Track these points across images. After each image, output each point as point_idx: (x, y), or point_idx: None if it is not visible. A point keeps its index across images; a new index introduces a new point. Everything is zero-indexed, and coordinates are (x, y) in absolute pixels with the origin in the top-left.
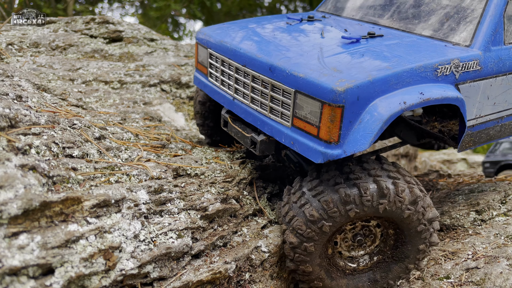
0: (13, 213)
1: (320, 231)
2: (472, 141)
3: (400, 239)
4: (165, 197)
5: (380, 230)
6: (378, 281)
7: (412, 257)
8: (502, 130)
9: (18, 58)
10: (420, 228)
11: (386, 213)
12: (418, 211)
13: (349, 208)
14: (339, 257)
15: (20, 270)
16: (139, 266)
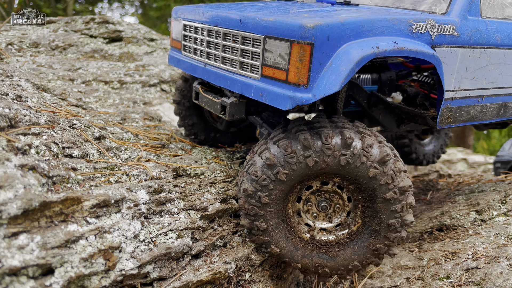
0: (13, 213)
1: (275, 179)
2: (452, 117)
3: (368, 210)
4: (165, 197)
5: (347, 197)
6: (345, 261)
7: (381, 235)
8: (484, 111)
9: (18, 58)
10: (389, 195)
11: (349, 168)
12: (387, 173)
13: (308, 155)
14: (301, 224)
15: (20, 270)
16: (139, 266)
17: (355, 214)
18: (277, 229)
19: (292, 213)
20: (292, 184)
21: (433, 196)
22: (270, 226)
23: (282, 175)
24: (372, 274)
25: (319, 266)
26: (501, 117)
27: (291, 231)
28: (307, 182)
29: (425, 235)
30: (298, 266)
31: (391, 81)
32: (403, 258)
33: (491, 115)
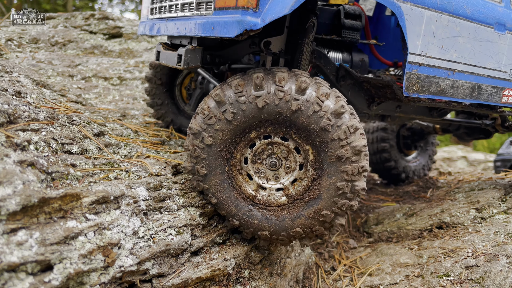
0: (12, 209)
1: (222, 118)
2: (420, 86)
3: (318, 170)
4: (165, 193)
5: (297, 155)
6: (287, 226)
7: (329, 200)
8: (455, 87)
9: (17, 54)
10: (340, 153)
11: (301, 116)
12: (340, 128)
13: (259, 95)
14: (246, 178)
15: (19, 266)
16: (138, 263)
17: (305, 175)
18: (218, 178)
19: (238, 164)
20: (239, 128)
21: (433, 193)
22: (211, 173)
23: (229, 114)
24: (371, 271)
25: (259, 228)
26: (475, 99)
27: (234, 184)
28: (257, 131)
29: (425, 232)
30: (235, 224)
31: (363, 63)
32: (402, 255)
33: (463, 94)
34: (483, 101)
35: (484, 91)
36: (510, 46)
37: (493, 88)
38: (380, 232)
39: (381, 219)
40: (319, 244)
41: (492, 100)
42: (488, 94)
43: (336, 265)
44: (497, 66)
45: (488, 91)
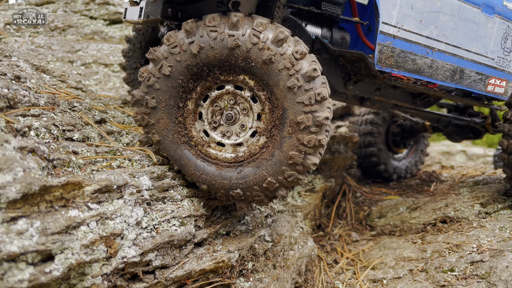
0: (12, 197)
1: (160, 75)
2: (395, 60)
3: (275, 131)
4: (168, 183)
5: (257, 108)
6: (228, 186)
7: (277, 166)
8: (434, 68)
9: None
10: (301, 119)
11: (240, 52)
12: (308, 92)
13: (192, 41)
14: (202, 135)
15: (19, 256)
16: (141, 254)
17: (259, 135)
18: (173, 141)
19: (191, 121)
20: (181, 81)
21: (437, 187)
22: (164, 137)
23: (166, 68)
24: (374, 265)
25: (201, 180)
26: (456, 83)
27: (191, 144)
28: (218, 75)
29: (428, 226)
30: (203, 187)
31: (343, 40)
32: (406, 249)
33: (443, 76)
34: (465, 86)
35: (467, 76)
36: (498, 31)
37: (477, 74)
38: (383, 225)
39: (384, 213)
40: (321, 237)
41: (476, 87)
42: (472, 80)
43: (338, 258)
44: (483, 51)
45: (472, 77)
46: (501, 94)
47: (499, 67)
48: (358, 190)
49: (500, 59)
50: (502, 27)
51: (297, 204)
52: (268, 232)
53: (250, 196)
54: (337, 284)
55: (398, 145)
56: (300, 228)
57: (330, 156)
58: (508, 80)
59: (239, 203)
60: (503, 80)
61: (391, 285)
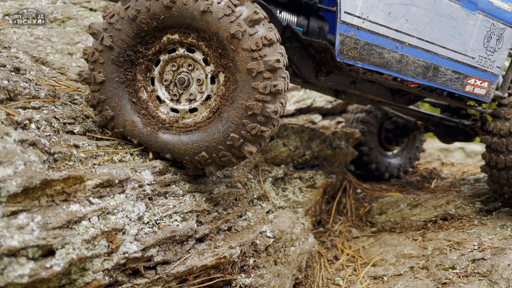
0: (12, 190)
1: (103, 47)
2: (358, 53)
3: (228, 84)
4: (170, 178)
5: (208, 68)
6: (195, 147)
7: (237, 120)
8: (404, 63)
9: (15, 30)
10: (251, 65)
11: (179, 10)
12: (253, 37)
13: (127, 6)
14: (156, 101)
15: (19, 251)
16: (142, 249)
17: (214, 92)
18: (128, 114)
19: (143, 90)
20: (125, 50)
21: (438, 184)
22: (117, 112)
23: (107, 40)
24: (375, 261)
25: (163, 150)
26: (430, 81)
27: (146, 114)
28: (149, 45)
29: (429, 224)
30: (135, 141)
31: (321, 30)
32: (406, 246)
33: (414, 73)
34: (439, 85)
35: (442, 74)
36: (480, 29)
37: (454, 73)
38: (384, 222)
39: (384, 209)
40: (322, 233)
41: (453, 86)
42: (447, 78)
43: (339, 254)
44: (462, 49)
45: (448, 75)
46: (482, 95)
47: (480, 67)
48: (358, 186)
49: (482, 59)
50: (486, 25)
51: (298, 200)
52: (270, 228)
53: (216, 158)
54: (338, 281)
55: (390, 142)
56: (301, 224)
57: (331, 152)
58: (490, 82)
59: (208, 167)
60: (485, 81)
61: (391, 282)
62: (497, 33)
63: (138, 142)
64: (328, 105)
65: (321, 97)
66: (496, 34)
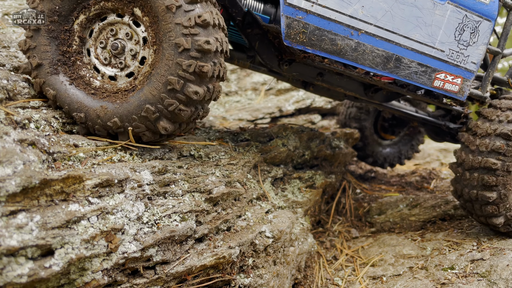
0: (12, 190)
1: (35, 14)
2: (307, 38)
3: (155, 56)
4: (169, 178)
5: (141, 35)
6: (105, 118)
7: (155, 92)
8: (361, 52)
9: (15, 29)
10: (179, 41)
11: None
12: (188, 14)
13: None
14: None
15: (18, 250)
16: (141, 249)
17: (143, 61)
18: (52, 69)
19: (75, 50)
20: (58, 17)
21: (437, 185)
22: (43, 63)
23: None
24: (374, 261)
25: (89, 115)
26: (390, 72)
27: (70, 73)
28: (84, 9)
29: (428, 224)
30: (80, 115)
31: None
32: (405, 246)
33: (373, 62)
34: (403, 78)
35: (406, 66)
36: (451, 21)
37: (420, 66)
38: (383, 222)
39: (384, 209)
40: (321, 233)
41: (418, 80)
42: (412, 71)
43: (338, 254)
44: (429, 41)
45: (412, 68)
46: (455, 92)
47: (451, 61)
48: (358, 186)
49: (453, 53)
50: (457, 16)
51: (298, 200)
52: (269, 228)
53: (129, 127)
54: (337, 281)
55: (386, 131)
56: (301, 224)
57: (331, 152)
58: (464, 78)
59: (121, 136)
60: (458, 77)
61: (391, 282)
62: (471, 25)
63: (54, 93)
64: (328, 105)
65: (320, 97)
66: (469, 27)
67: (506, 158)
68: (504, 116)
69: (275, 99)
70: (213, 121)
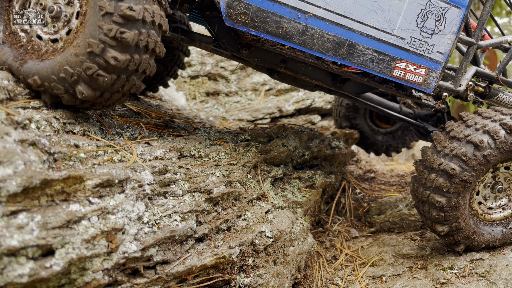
0: (12, 190)
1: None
2: (250, 19)
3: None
4: (170, 178)
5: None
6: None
7: (74, 52)
8: (309, 36)
9: None
10: (101, 3)
11: None
12: None
13: None
14: None
15: (19, 250)
16: (142, 249)
17: None
18: None
19: None
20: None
21: None
22: None
23: None
24: (374, 261)
25: None
26: (344, 59)
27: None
28: None
29: None
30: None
31: None
32: (405, 246)
33: (323, 48)
34: (358, 65)
35: (360, 53)
36: (412, 6)
37: (376, 53)
38: (382, 222)
39: (383, 209)
40: (321, 233)
41: (376, 69)
42: (368, 58)
43: (337, 254)
44: (387, 27)
45: (368, 55)
46: (419, 83)
47: (413, 50)
48: (357, 186)
49: (415, 41)
50: (419, 2)
51: (298, 200)
52: (269, 228)
53: (49, 88)
54: (336, 281)
55: (381, 119)
56: (300, 224)
57: (331, 152)
58: (429, 68)
59: (43, 95)
60: (422, 67)
61: (390, 282)
62: (436, 12)
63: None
64: (327, 106)
65: (320, 98)
66: (434, 13)
67: (467, 168)
68: (480, 125)
69: (275, 99)
70: (213, 121)
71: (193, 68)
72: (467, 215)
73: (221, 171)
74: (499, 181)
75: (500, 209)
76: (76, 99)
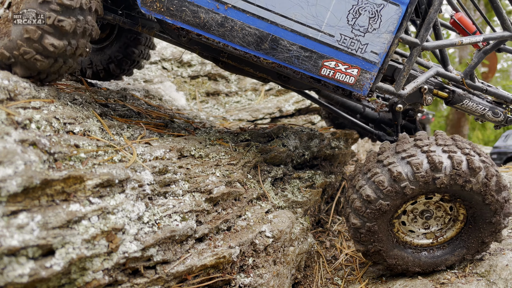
0: (13, 190)
1: None
2: (165, 6)
3: None
4: (170, 178)
5: None
6: None
7: (29, 11)
8: (228, 28)
9: None
10: None
11: None
12: None
13: None
14: None
15: (19, 250)
16: (142, 249)
17: None
18: None
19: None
20: None
21: None
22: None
23: None
24: None
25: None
26: (266, 54)
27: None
28: None
29: None
30: None
31: None
32: None
33: (243, 41)
34: (282, 61)
35: (284, 49)
36: (341, 2)
37: (302, 50)
38: None
39: None
40: (321, 233)
41: (301, 66)
42: (293, 55)
43: (337, 254)
44: (313, 23)
45: (293, 51)
46: (350, 84)
47: (343, 48)
48: None
49: (345, 39)
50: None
51: (298, 200)
52: (269, 227)
53: (19, 56)
54: (336, 281)
55: None
56: (300, 224)
57: (331, 152)
58: (362, 69)
59: (14, 68)
60: (354, 67)
61: (390, 282)
62: (370, 9)
63: None
64: None
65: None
66: (368, 10)
67: (383, 197)
68: (407, 154)
69: (275, 99)
70: (213, 121)
71: (193, 68)
72: (384, 239)
73: (221, 171)
74: (430, 209)
75: (423, 236)
76: (41, 57)
